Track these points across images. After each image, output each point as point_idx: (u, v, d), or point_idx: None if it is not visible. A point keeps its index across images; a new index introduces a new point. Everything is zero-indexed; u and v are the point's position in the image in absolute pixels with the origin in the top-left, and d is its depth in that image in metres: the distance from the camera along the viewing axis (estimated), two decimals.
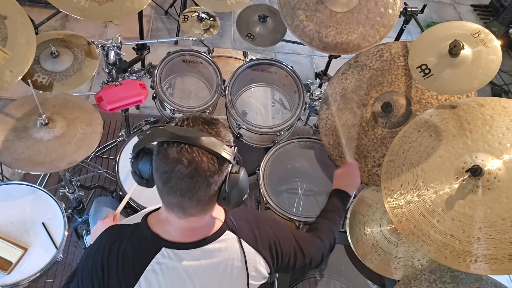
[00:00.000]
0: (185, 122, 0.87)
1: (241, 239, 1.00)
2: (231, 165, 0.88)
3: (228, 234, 0.99)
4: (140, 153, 0.90)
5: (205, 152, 0.83)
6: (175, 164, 0.82)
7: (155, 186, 0.94)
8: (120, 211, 1.36)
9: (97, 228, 1.27)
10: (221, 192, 0.87)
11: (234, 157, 0.89)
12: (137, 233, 0.96)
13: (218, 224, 0.99)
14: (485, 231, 1.16)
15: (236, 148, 0.90)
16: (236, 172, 0.88)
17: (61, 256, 1.60)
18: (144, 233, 0.95)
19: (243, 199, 0.91)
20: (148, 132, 0.87)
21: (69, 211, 2.05)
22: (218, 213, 1.00)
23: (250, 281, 1.02)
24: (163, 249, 0.94)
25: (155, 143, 0.87)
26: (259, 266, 1.03)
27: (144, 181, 0.92)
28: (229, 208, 0.93)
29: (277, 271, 1.11)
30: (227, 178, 0.87)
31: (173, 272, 0.94)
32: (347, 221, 1.70)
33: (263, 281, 1.07)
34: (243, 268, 1.00)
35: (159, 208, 1.00)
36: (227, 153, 0.85)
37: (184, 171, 0.82)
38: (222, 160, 0.85)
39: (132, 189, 1.51)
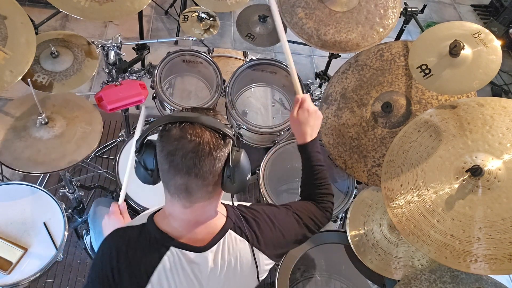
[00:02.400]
0: (184, 110, 0.91)
1: (245, 236, 1.00)
2: (232, 142, 0.90)
3: (231, 233, 0.99)
4: (143, 145, 0.92)
5: (207, 128, 0.85)
6: (178, 141, 0.84)
7: (156, 186, 0.94)
8: (123, 200, 1.33)
9: (107, 223, 1.25)
10: (225, 171, 0.89)
11: (234, 138, 0.91)
12: (145, 234, 0.96)
13: (221, 222, 0.99)
14: (485, 231, 1.16)
15: (235, 130, 0.91)
16: (237, 150, 0.90)
17: (61, 256, 1.60)
18: (152, 233, 0.95)
19: (247, 178, 0.93)
20: (148, 125, 0.90)
21: (69, 211, 2.06)
22: (221, 209, 1.01)
23: (259, 275, 1.04)
24: (172, 248, 0.94)
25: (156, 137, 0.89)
26: (263, 261, 1.04)
27: (149, 172, 0.92)
28: (233, 191, 0.94)
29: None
30: (230, 154, 0.89)
31: (182, 273, 0.95)
32: (347, 221, 1.70)
33: (266, 273, 1.08)
34: (252, 264, 1.01)
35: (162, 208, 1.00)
36: (228, 130, 0.87)
37: (188, 145, 0.84)
38: (224, 136, 0.87)
39: (126, 176, 1.37)
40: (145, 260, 0.93)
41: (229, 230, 0.99)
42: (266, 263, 1.05)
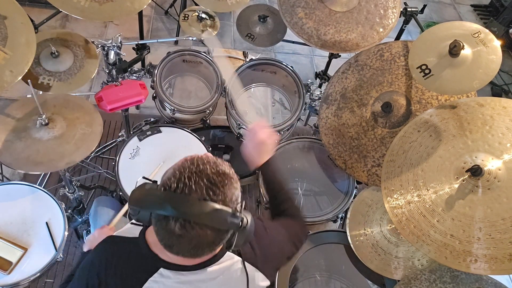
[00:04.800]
0: (188, 184, 0.79)
1: (242, 258, 0.99)
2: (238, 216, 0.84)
3: (228, 255, 0.98)
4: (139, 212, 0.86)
5: (210, 226, 0.80)
6: (177, 239, 0.81)
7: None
8: (119, 218, 1.35)
9: (94, 238, 1.26)
10: (229, 242, 0.87)
11: (242, 208, 0.87)
12: (136, 250, 0.95)
13: (219, 247, 0.97)
14: (485, 231, 1.16)
15: (244, 203, 0.87)
16: (244, 227, 0.86)
17: (61, 256, 1.60)
18: (142, 251, 0.95)
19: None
20: (145, 198, 0.84)
21: (69, 211, 2.05)
22: None
23: None
24: (161, 269, 0.93)
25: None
26: (260, 282, 1.02)
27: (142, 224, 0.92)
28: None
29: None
30: (234, 237, 0.86)
31: None
32: (347, 221, 1.70)
33: None
34: (244, 283, 0.99)
35: None
36: (234, 222, 0.82)
37: (187, 245, 0.82)
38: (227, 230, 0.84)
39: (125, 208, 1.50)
40: (133, 277, 0.93)
41: (227, 252, 0.98)
42: (262, 280, 1.03)
